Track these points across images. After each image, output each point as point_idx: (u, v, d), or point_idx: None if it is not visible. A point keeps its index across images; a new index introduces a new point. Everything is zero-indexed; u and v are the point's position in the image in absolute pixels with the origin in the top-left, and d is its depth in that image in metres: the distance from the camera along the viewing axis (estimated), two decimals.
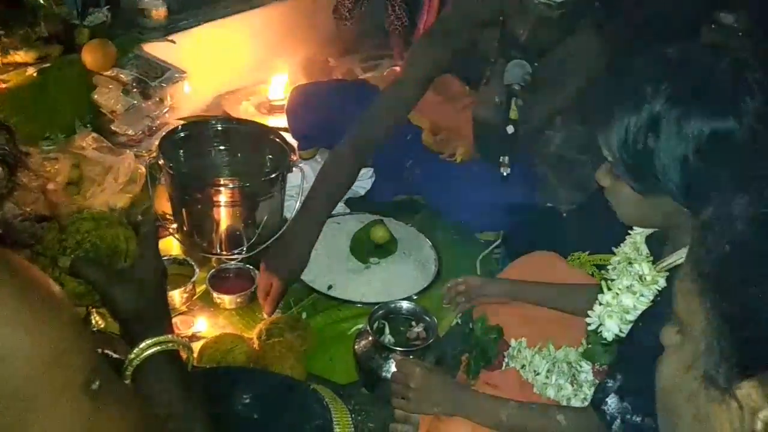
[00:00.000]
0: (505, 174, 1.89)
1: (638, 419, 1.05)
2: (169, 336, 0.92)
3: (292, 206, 2.05)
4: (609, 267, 1.32)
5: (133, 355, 0.89)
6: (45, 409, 0.64)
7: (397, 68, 2.61)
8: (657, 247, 1.20)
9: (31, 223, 0.76)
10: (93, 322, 1.63)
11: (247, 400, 1.23)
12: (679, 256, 1.06)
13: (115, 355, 1.09)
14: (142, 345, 0.89)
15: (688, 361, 0.59)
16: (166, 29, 2.57)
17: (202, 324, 1.82)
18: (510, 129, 1.85)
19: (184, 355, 0.96)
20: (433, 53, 1.99)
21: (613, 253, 1.34)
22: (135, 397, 0.85)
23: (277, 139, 2.08)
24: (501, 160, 1.89)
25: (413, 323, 1.67)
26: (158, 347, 0.90)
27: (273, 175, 1.95)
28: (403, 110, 2.02)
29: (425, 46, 2.04)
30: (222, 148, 2.14)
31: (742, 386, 0.54)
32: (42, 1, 2.30)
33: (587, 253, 1.84)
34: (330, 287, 1.95)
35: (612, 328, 1.22)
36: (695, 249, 0.60)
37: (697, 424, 0.58)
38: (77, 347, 0.68)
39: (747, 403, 0.54)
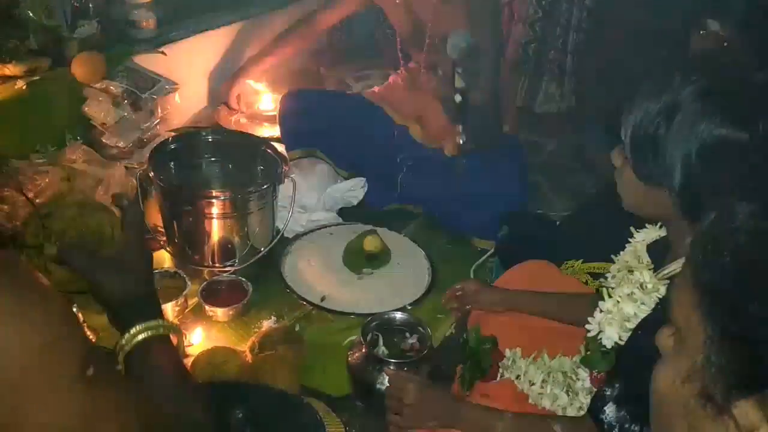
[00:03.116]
0: (461, 142, 1.95)
1: (636, 428, 1.04)
2: (159, 321, 0.91)
3: (284, 217, 2.04)
4: (608, 275, 1.31)
5: (123, 341, 0.89)
6: (41, 398, 0.65)
7: (391, 80, 2.62)
8: (658, 255, 1.20)
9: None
10: None
11: (241, 415, 1.22)
12: (679, 265, 1.05)
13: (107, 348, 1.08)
14: (132, 331, 0.89)
15: (684, 372, 0.57)
16: (157, 41, 2.56)
17: (195, 337, 1.80)
18: (458, 98, 1.92)
19: (175, 339, 0.95)
20: None
21: (607, 261, 1.33)
22: (130, 383, 0.85)
23: (269, 150, 2.07)
24: (456, 129, 1.96)
25: (407, 334, 1.66)
26: (148, 332, 0.89)
27: (264, 187, 1.94)
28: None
29: None
30: (213, 159, 2.13)
31: (739, 404, 0.52)
32: (31, 14, 2.29)
33: (581, 261, 1.83)
34: (323, 298, 1.94)
35: (612, 335, 1.21)
36: (694, 258, 0.59)
37: None
38: (69, 335, 0.68)
39: (744, 423, 0.52)
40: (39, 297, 0.67)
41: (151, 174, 1.89)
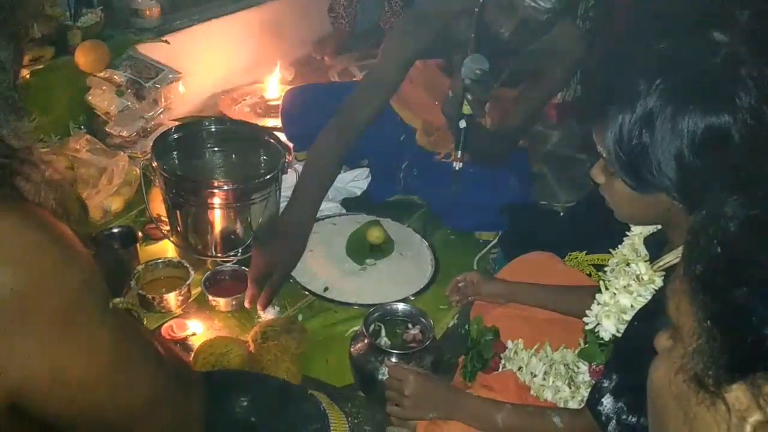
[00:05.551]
0: (457, 168, 1.91)
1: (633, 419, 1.04)
2: None
3: None
4: (607, 268, 1.31)
5: None
6: (84, 326, 0.75)
7: None
8: (655, 248, 1.19)
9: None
10: None
11: (245, 404, 1.22)
12: (675, 256, 1.05)
13: None
14: None
15: (678, 362, 0.58)
16: (160, 30, 2.56)
17: (197, 327, 1.80)
18: (462, 123, 1.88)
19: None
20: (409, 37, 1.99)
21: (611, 253, 1.33)
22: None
23: (272, 140, 2.06)
24: (454, 153, 1.92)
25: (409, 325, 1.66)
26: None
27: (268, 176, 1.93)
28: (384, 95, 2.03)
29: (402, 30, 2.05)
30: (216, 149, 2.13)
31: (731, 389, 0.53)
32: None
33: (585, 252, 1.83)
34: (326, 289, 1.94)
35: (609, 327, 1.21)
36: (687, 250, 0.59)
37: (685, 427, 0.57)
38: (97, 275, 0.78)
39: (735, 407, 0.53)
40: (74, 245, 0.75)
41: (155, 163, 1.89)
